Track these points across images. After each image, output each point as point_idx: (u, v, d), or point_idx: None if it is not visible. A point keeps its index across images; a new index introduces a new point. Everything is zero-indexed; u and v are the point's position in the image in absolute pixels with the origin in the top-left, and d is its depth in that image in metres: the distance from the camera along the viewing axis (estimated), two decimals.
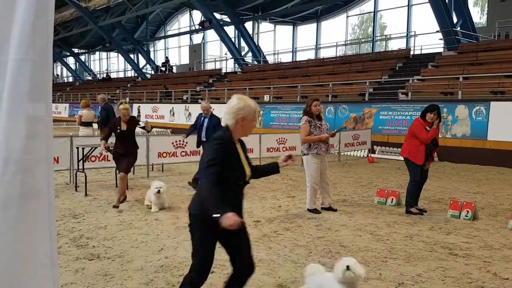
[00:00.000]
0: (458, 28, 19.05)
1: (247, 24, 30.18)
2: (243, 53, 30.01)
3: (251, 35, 30.17)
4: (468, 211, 6.43)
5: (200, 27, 31.36)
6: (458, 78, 14.73)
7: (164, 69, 35.49)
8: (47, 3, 1.44)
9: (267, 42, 32.34)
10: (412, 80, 16.38)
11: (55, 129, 22.93)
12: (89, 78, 47.19)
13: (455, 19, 19.16)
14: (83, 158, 8.41)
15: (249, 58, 30.03)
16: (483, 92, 14.12)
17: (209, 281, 4.04)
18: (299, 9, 28.04)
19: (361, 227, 5.96)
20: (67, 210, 6.77)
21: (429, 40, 21.55)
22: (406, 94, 16.10)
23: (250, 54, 29.69)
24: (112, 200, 7.18)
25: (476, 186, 9.38)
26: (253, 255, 3.15)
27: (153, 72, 37.17)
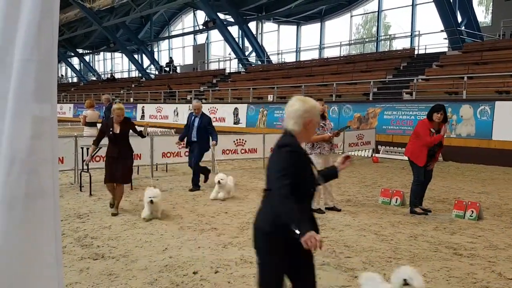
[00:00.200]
0: (463, 28, 18.97)
1: (251, 24, 30.19)
2: (247, 53, 30.01)
3: (255, 35, 30.18)
4: (473, 211, 6.40)
5: (204, 27, 31.40)
6: (463, 78, 14.68)
7: (168, 69, 35.56)
8: (52, 4, 1.45)
9: (271, 42, 32.36)
10: (417, 80, 16.34)
11: (60, 130, 23.01)
12: (94, 79, 47.35)
13: (460, 19, 19.09)
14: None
15: (253, 58, 30.02)
16: (488, 92, 14.07)
17: (213, 281, 4.05)
18: (303, 9, 28.00)
19: (365, 227, 5.95)
20: (72, 210, 6.79)
21: (434, 40, 21.44)
22: (411, 94, 16.05)
23: (254, 54, 29.68)
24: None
25: (481, 186, 9.35)
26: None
27: (157, 72, 37.27)
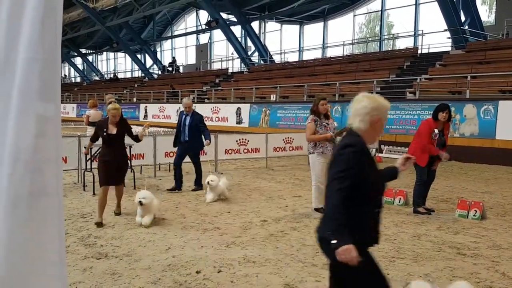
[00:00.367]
0: (466, 27, 18.92)
1: (254, 24, 30.19)
2: (250, 53, 30.01)
3: (258, 35, 30.17)
4: (476, 211, 6.39)
5: (207, 27, 31.43)
6: (466, 77, 14.63)
7: (171, 69, 35.60)
8: (56, 3, 1.45)
9: (274, 42, 32.34)
10: (420, 79, 16.30)
11: (63, 129, 23.04)
12: (97, 79, 47.46)
13: (463, 18, 19.04)
14: (91, 158, 8.46)
15: (256, 58, 30.03)
16: (491, 91, 14.03)
17: (216, 281, 4.05)
18: (306, 8, 27.98)
19: None
20: (75, 210, 6.81)
21: (437, 39, 21.41)
22: (414, 93, 16.02)
23: (257, 54, 29.69)
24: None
25: (484, 186, 9.32)
26: None
27: (160, 72, 37.31)
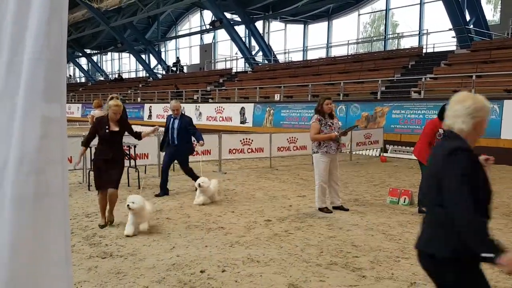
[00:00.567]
0: (471, 26, 18.84)
1: (258, 24, 30.19)
2: (254, 53, 30.02)
3: (262, 34, 30.17)
4: None
5: (211, 27, 31.47)
6: (471, 76, 14.56)
7: (175, 69, 35.67)
8: (61, 4, 1.45)
9: (278, 41, 32.34)
10: (425, 79, 16.24)
11: (68, 129, 23.07)
12: (101, 79, 47.64)
13: (468, 17, 18.96)
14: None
15: (260, 58, 30.03)
16: (497, 90, 13.94)
17: (220, 280, 4.05)
18: (310, 8, 27.94)
19: (373, 227, 5.93)
20: (80, 209, 6.83)
21: (442, 38, 21.31)
22: (419, 93, 15.97)
23: (261, 54, 29.69)
24: (124, 199, 6.51)
25: None
26: None
27: (164, 72, 37.39)
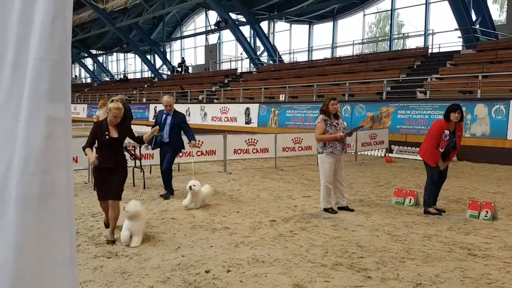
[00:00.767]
0: (477, 26, 18.74)
1: (263, 24, 30.18)
2: (259, 53, 30.01)
3: (267, 35, 30.16)
4: (488, 211, 6.32)
5: (216, 28, 31.49)
6: (477, 77, 14.49)
7: (180, 70, 35.73)
8: (65, 4, 1.46)
9: (283, 42, 32.31)
10: (431, 79, 16.17)
11: (74, 130, 23.25)
12: (107, 79, 47.79)
13: (474, 17, 18.85)
14: None
15: (265, 58, 30.02)
16: (503, 91, 13.87)
17: (225, 280, 4.06)
18: (315, 8, 27.89)
19: (379, 227, 5.91)
20: (86, 209, 6.86)
21: (448, 38, 21.21)
22: (425, 93, 15.90)
23: (266, 54, 29.68)
24: (129, 199, 6.60)
25: (496, 186, 9.22)
26: None
27: (170, 73, 37.46)
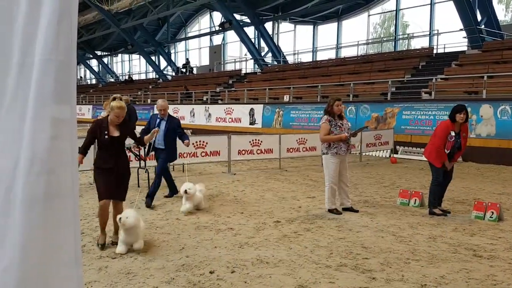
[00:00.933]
0: (483, 26, 18.65)
1: (267, 25, 30.17)
2: (263, 54, 30.02)
3: (271, 36, 30.16)
4: (493, 212, 6.29)
5: (220, 28, 31.51)
6: (483, 77, 14.43)
7: (185, 71, 35.79)
8: (71, 5, 1.46)
9: (287, 42, 32.29)
10: (436, 79, 16.12)
11: (79, 131, 23.25)
12: (112, 80, 47.93)
13: (479, 17, 18.77)
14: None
15: (269, 59, 30.02)
16: (509, 91, 13.78)
17: (230, 281, 4.06)
18: (320, 9, 27.87)
19: (383, 228, 5.90)
20: (91, 210, 6.88)
21: (453, 39, 21.14)
22: (430, 94, 15.85)
23: (270, 55, 29.68)
24: (134, 200, 6.43)
25: (501, 187, 9.18)
26: None
27: (174, 74, 37.52)
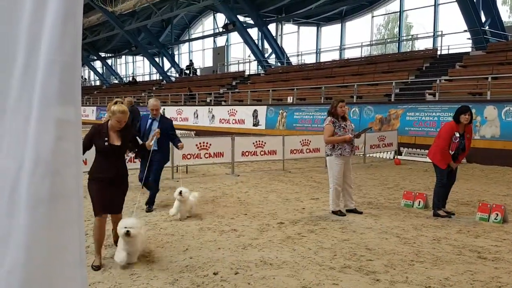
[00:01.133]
0: (487, 27, 18.61)
1: (271, 26, 30.21)
2: (267, 55, 30.04)
3: (275, 37, 30.18)
4: (498, 214, 6.26)
5: (224, 30, 31.58)
6: (487, 78, 14.39)
7: (188, 72, 35.86)
8: (76, 7, 1.47)
9: (291, 44, 32.31)
10: (440, 81, 16.08)
11: (83, 132, 23.32)
12: (116, 82, 48.10)
13: (483, 18, 18.73)
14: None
15: (273, 60, 30.03)
16: None
17: (233, 282, 4.06)
18: (323, 10, 27.89)
19: (387, 230, 5.88)
20: None
21: (457, 40, 21.16)
22: (434, 95, 15.81)
23: (274, 56, 29.70)
24: (138, 201, 6.60)
25: (506, 189, 9.14)
26: None
27: (178, 75, 37.61)
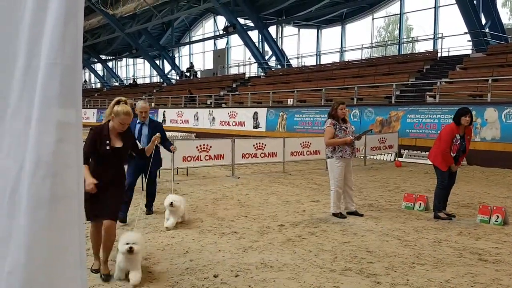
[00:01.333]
0: (487, 30, 18.63)
1: (271, 29, 30.25)
2: (267, 57, 30.07)
3: (275, 39, 30.21)
4: (498, 216, 6.25)
5: (224, 32, 31.61)
6: (487, 80, 14.39)
7: (189, 75, 35.89)
8: (77, 9, 1.47)
9: (291, 46, 32.34)
10: (440, 83, 16.08)
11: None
12: (116, 84, 48.12)
13: (484, 20, 18.75)
14: None
15: (273, 62, 30.06)
16: None
17: (234, 285, 4.05)
18: (323, 12, 27.91)
19: (388, 232, 5.87)
20: None
21: (457, 42, 21.10)
22: (434, 97, 15.81)
23: (274, 58, 29.73)
24: (138, 203, 6.67)
25: (507, 191, 9.13)
26: None
27: (178, 78, 37.64)
